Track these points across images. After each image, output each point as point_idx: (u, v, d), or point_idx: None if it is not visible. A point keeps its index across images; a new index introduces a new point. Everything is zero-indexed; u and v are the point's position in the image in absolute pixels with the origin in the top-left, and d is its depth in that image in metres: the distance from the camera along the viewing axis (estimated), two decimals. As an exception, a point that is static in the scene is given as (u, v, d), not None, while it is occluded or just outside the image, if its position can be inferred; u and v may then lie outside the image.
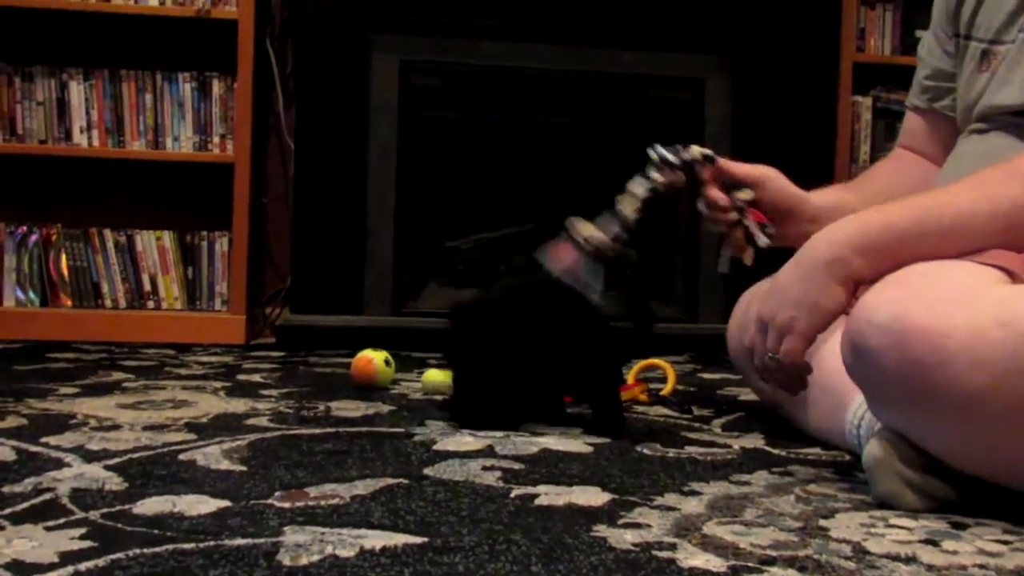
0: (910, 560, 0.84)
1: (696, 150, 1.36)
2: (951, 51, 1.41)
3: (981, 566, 0.83)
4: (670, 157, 1.35)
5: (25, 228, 2.60)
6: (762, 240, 1.36)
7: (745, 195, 1.36)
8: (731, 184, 1.38)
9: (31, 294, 2.59)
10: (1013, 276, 1.00)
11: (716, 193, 1.38)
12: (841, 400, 1.23)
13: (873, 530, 0.93)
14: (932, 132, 1.47)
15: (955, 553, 0.86)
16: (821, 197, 1.40)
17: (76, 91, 2.60)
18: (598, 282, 1.32)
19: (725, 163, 1.39)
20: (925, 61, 1.47)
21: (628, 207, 1.34)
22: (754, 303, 1.34)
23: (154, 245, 2.63)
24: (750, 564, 0.82)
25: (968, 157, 1.29)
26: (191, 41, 2.65)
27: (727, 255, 1.42)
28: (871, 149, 2.82)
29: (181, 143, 2.64)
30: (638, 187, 1.36)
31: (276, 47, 2.73)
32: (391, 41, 2.58)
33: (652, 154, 1.36)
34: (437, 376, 1.72)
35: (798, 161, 2.64)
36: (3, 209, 2.63)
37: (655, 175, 1.35)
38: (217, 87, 2.63)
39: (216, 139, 2.64)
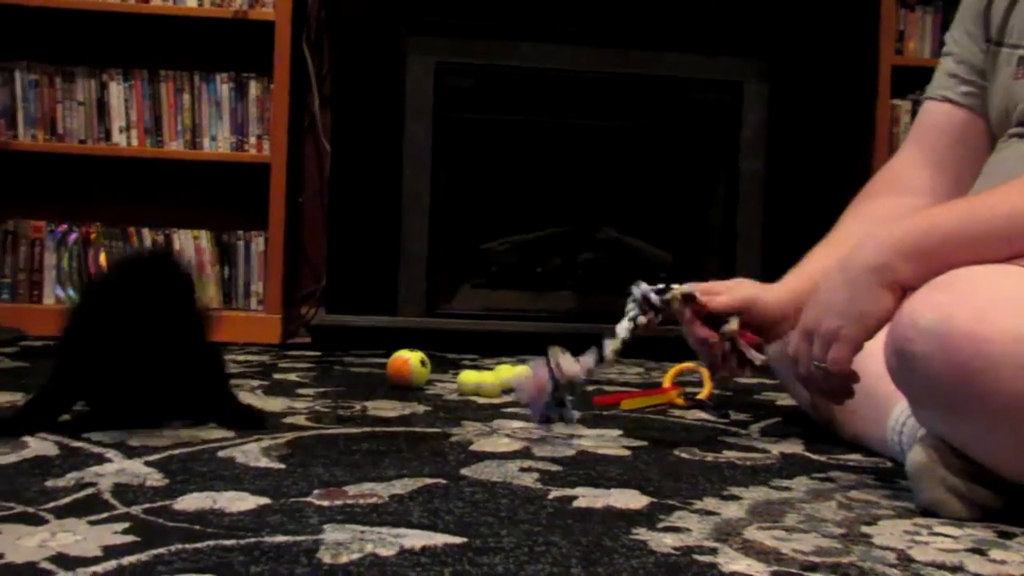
0: (956, 569, 0.83)
1: (677, 291, 1.34)
2: (983, 49, 1.38)
3: (1030, 576, 0.82)
4: (652, 297, 1.33)
5: (65, 226, 2.63)
6: (759, 360, 1.35)
7: (733, 326, 1.33)
8: (714, 316, 1.35)
9: (71, 291, 2.62)
10: (1061, 281, 0.98)
11: (702, 331, 1.35)
12: (883, 406, 1.21)
13: (917, 538, 0.92)
14: (960, 129, 1.39)
15: (1003, 563, 0.85)
16: (803, 284, 1.32)
17: (116, 91, 2.62)
18: (565, 410, 1.34)
19: (705, 298, 1.34)
20: (957, 54, 1.40)
21: (610, 347, 1.34)
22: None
23: (191, 244, 2.65)
24: (792, 570, 0.81)
25: (1010, 161, 1.27)
26: (228, 42, 2.67)
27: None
28: (910, 152, 2.79)
29: (218, 143, 2.66)
30: (622, 329, 1.35)
31: (312, 48, 2.74)
32: (427, 42, 2.58)
33: (635, 291, 1.35)
34: (473, 377, 1.72)
35: (836, 165, 2.63)
36: (44, 207, 2.66)
37: (640, 318, 1.34)
38: (254, 88, 2.65)
39: (253, 139, 2.66)
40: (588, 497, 1.03)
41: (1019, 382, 0.91)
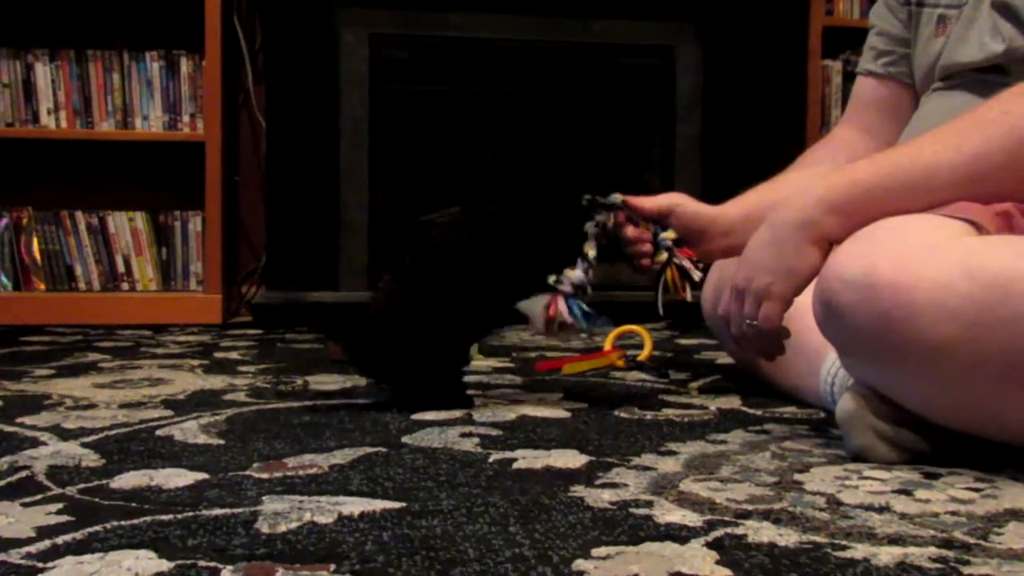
0: (883, 509, 0.85)
1: (617, 197, 1.39)
2: (903, 18, 1.42)
3: (953, 513, 0.84)
4: (599, 199, 1.39)
5: (-5, 212, 2.58)
6: (697, 275, 1.39)
7: (671, 235, 1.38)
8: (653, 227, 1.40)
9: (3, 278, 2.57)
10: (979, 228, 1.00)
11: (632, 232, 1.39)
12: (815, 359, 1.24)
13: (847, 482, 0.94)
14: (885, 100, 1.46)
15: (927, 502, 0.87)
16: (737, 207, 1.38)
17: (42, 72, 2.57)
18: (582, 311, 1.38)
19: (632, 202, 1.38)
20: (878, 27, 1.47)
21: (587, 247, 1.37)
22: (727, 268, 1.36)
23: (127, 226, 2.61)
24: (726, 518, 0.83)
25: (932, 114, 1.30)
26: (157, 19, 2.63)
27: (661, 297, 1.45)
28: (842, 113, 2.82)
29: (150, 123, 2.61)
30: (589, 229, 1.39)
31: (244, 23, 2.70)
32: (359, 15, 2.56)
33: (584, 200, 1.39)
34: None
35: (771, 126, 2.66)
36: (-28, 194, 2.61)
37: (599, 217, 1.38)
38: (185, 65, 2.61)
39: (186, 118, 2.62)
40: (528, 459, 1.04)
41: (940, 328, 0.93)
